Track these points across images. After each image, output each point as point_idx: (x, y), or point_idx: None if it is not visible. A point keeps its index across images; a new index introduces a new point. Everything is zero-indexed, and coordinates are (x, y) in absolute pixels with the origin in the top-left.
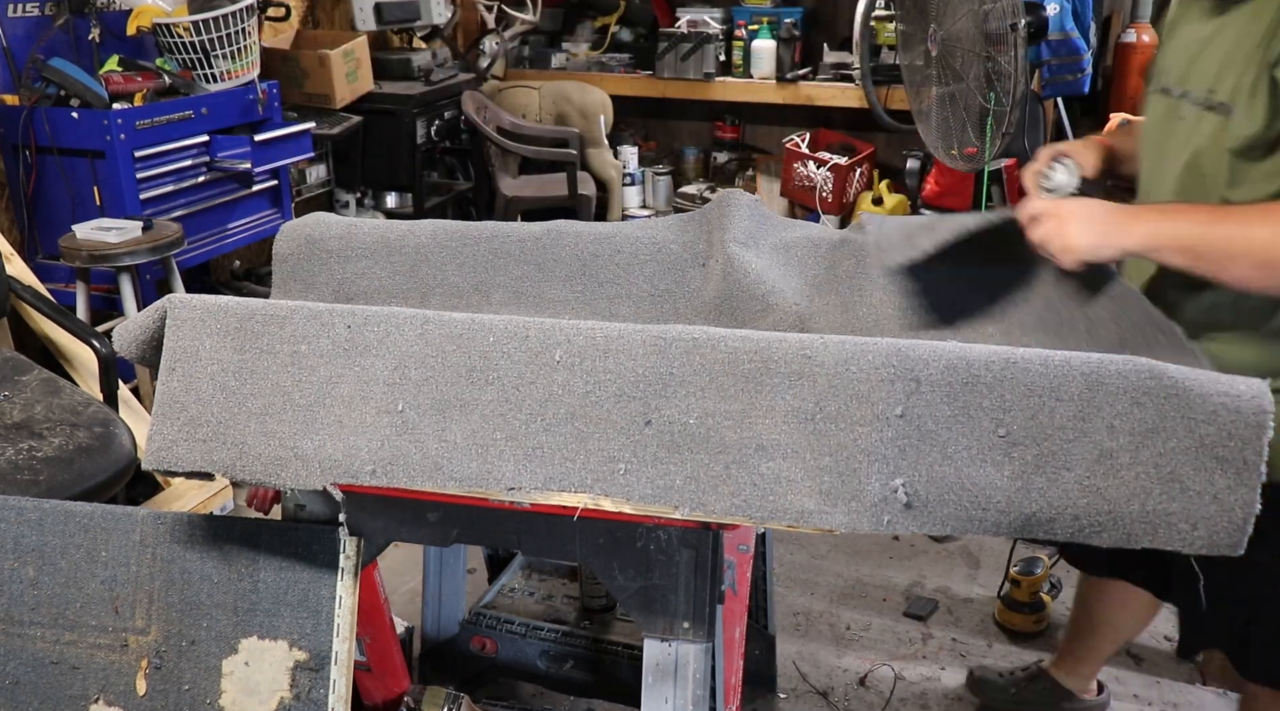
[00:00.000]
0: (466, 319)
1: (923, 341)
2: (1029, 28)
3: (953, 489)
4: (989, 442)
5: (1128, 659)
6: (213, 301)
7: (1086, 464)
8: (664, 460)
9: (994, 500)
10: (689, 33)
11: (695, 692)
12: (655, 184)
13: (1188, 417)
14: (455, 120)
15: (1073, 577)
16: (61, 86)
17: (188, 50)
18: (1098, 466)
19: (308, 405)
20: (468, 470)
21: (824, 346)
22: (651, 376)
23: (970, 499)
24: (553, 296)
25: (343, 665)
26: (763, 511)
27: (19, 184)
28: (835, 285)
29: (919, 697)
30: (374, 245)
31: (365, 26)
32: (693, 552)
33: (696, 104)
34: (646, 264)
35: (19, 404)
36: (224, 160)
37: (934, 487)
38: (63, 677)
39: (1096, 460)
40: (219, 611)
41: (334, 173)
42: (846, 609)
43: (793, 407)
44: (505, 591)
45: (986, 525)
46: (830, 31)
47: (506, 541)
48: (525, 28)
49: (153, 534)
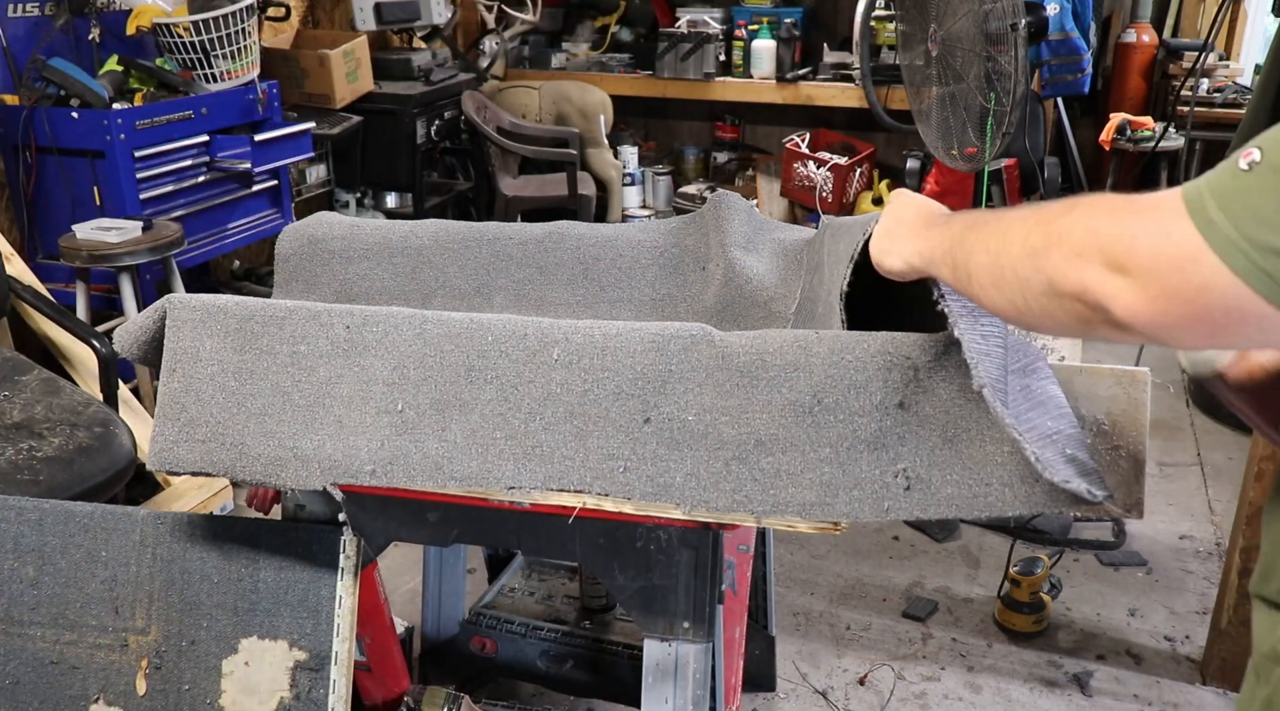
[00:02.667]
0: (465, 318)
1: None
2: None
3: (954, 468)
4: (990, 419)
5: (1128, 659)
6: (212, 302)
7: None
8: (663, 457)
9: (996, 475)
10: (689, 33)
11: (695, 692)
12: (655, 184)
13: None
14: (455, 120)
15: (1073, 577)
16: (61, 86)
17: (188, 50)
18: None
19: (307, 405)
20: (467, 469)
21: (818, 338)
22: (649, 374)
23: (973, 477)
24: (554, 299)
25: (343, 665)
26: (764, 506)
27: (19, 184)
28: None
29: (919, 697)
30: (376, 246)
31: (365, 26)
32: (693, 552)
33: (696, 104)
34: (649, 268)
35: (19, 404)
36: (224, 160)
37: (935, 470)
38: (63, 677)
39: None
40: (219, 611)
41: (334, 173)
42: (846, 609)
43: (790, 401)
44: (505, 591)
45: (991, 503)
46: (830, 31)
47: (506, 541)
48: (525, 28)
49: (153, 534)
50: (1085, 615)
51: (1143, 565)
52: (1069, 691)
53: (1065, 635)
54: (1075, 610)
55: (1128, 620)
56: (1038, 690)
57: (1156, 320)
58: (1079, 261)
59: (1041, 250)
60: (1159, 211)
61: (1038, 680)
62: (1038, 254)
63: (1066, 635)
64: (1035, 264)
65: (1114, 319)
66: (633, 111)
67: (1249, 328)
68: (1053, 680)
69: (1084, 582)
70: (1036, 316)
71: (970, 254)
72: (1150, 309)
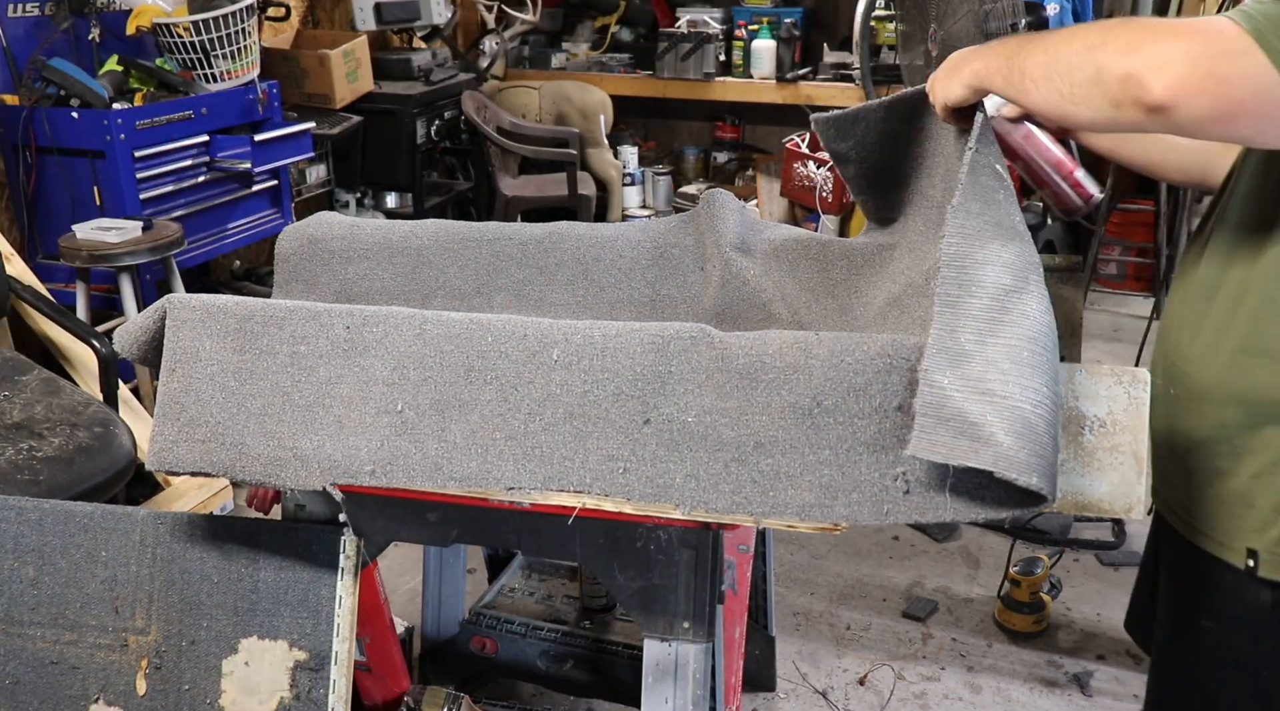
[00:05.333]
0: (464, 319)
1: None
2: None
3: (953, 470)
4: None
5: (1128, 659)
6: (212, 302)
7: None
8: (663, 459)
9: (994, 476)
10: (689, 33)
11: (695, 692)
12: (655, 184)
13: None
14: (455, 120)
15: (1073, 577)
16: (61, 86)
17: (188, 50)
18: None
19: (307, 405)
20: (467, 470)
21: (818, 340)
22: (649, 375)
23: (971, 478)
24: (554, 300)
25: (343, 665)
26: (763, 507)
27: (19, 184)
28: (831, 289)
29: (919, 697)
30: (376, 246)
31: (365, 26)
32: (693, 552)
33: (696, 104)
34: (649, 268)
35: (19, 404)
36: (224, 160)
37: (934, 471)
38: (63, 677)
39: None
40: (219, 611)
41: (334, 173)
42: (846, 609)
43: (789, 403)
44: (505, 591)
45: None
46: (830, 31)
47: (506, 541)
48: (525, 28)
49: (153, 534)
50: (1085, 615)
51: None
52: (1069, 691)
53: (1065, 635)
54: (1075, 610)
55: None
56: (1038, 690)
57: (1190, 98)
58: (1130, 54)
59: (1098, 45)
60: (1200, 24)
61: (1038, 680)
62: (1094, 48)
63: (1066, 635)
64: (1089, 56)
65: (1150, 98)
66: (633, 111)
67: (1271, 112)
68: (1053, 680)
69: (1084, 582)
70: (1074, 102)
71: (1029, 54)
72: (1190, 87)
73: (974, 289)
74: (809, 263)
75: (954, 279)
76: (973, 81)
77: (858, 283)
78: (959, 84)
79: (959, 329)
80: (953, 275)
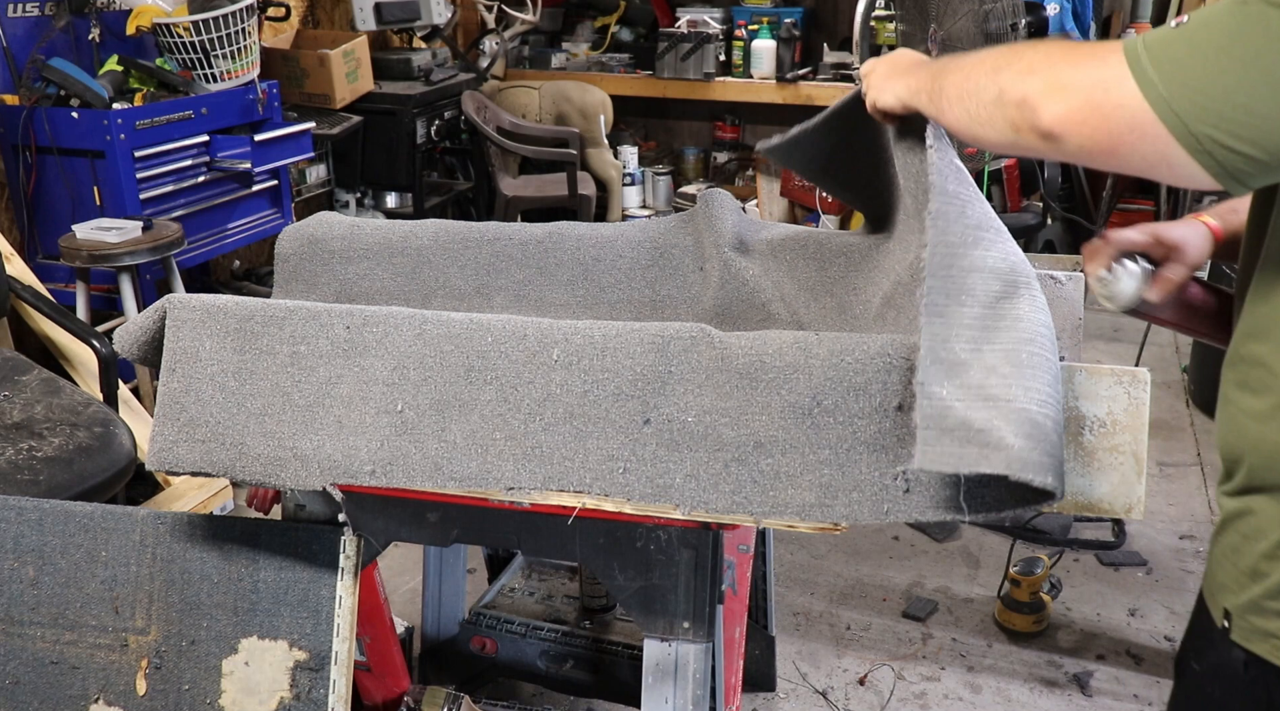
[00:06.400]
0: (464, 319)
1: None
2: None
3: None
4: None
5: (1128, 659)
6: (212, 301)
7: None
8: (663, 459)
9: (993, 476)
10: (689, 33)
11: (695, 692)
12: (655, 184)
13: None
14: (455, 120)
15: (1073, 577)
16: (61, 86)
17: (188, 50)
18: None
19: (307, 405)
20: (467, 470)
21: (818, 340)
22: (649, 375)
23: (972, 478)
24: (554, 300)
25: (343, 665)
26: (763, 507)
27: (19, 184)
28: (830, 287)
29: (919, 697)
30: (376, 246)
31: (365, 26)
32: (693, 552)
33: (696, 104)
34: (649, 269)
35: (19, 404)
36: (224, 160)
37: (934, 472)
38: (63, 677)
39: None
40: (219, 611)
41: (334, 173)
42: (846, 609)
43: (789, 403)
44: (505, 591)
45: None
46: (830, 31)
47: (506, 541)
48: (525, 28)
49: (153, 534)
50: (1085, 615)
51: (1143, 565)
52: (1069, 691)
53: (1065, 635)
54: (1075, 610)
55: (1128, 620)
56: (1038, 690)
57: (1073, 128)
58: (1028, 76)
59: (1002, 68)
60: (1101, 49)
61: (1038, 680)
62: (999, 70)
63: (1066, 635)
64: (994, 77)
65: (1040, 125)
66: (633, 111)
67: (1146, 147)
68: (1053, 680)
69: (1084, 582)
70: (980, 124)
71: (949, 74)
72: (1073, 117)
73: (964, 297)
74: (807, 261)
75: (940, 289)
76: (904, 95)
77: (855, 280)
78: (891, 94)
79: (951, 338)
80: (939, 285)
